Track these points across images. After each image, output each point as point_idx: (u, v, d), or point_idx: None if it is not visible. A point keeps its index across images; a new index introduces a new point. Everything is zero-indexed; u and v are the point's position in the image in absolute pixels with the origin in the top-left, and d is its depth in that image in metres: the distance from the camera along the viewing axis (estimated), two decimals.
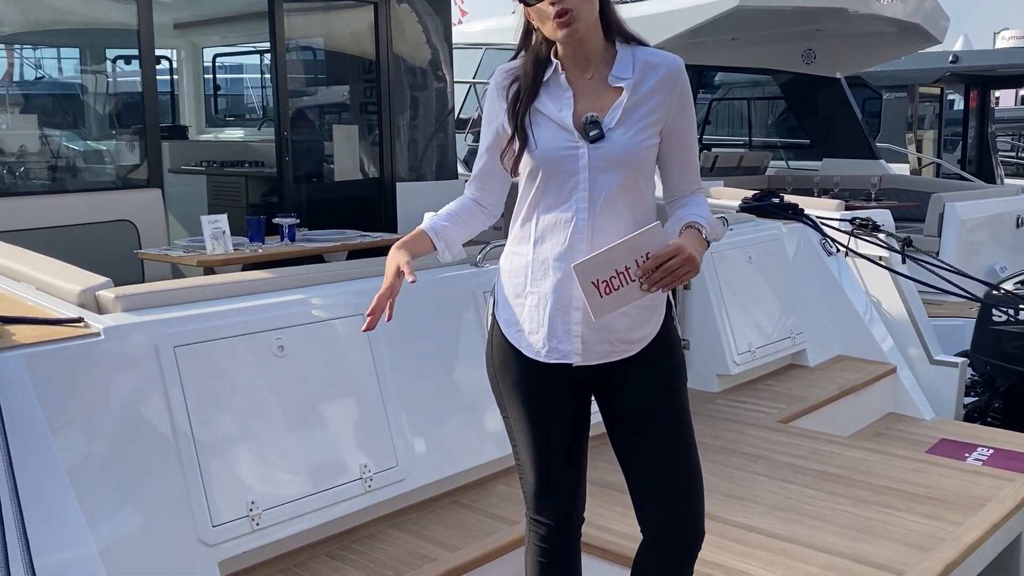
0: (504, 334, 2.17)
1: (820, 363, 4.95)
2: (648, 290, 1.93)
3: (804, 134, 10.65)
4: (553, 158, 2.05)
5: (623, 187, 2.05)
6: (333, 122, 6.79)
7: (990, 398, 5.32)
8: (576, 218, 2.05)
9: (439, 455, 3.18)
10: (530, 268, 2.11)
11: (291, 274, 3.13)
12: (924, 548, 2.76)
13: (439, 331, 3.33)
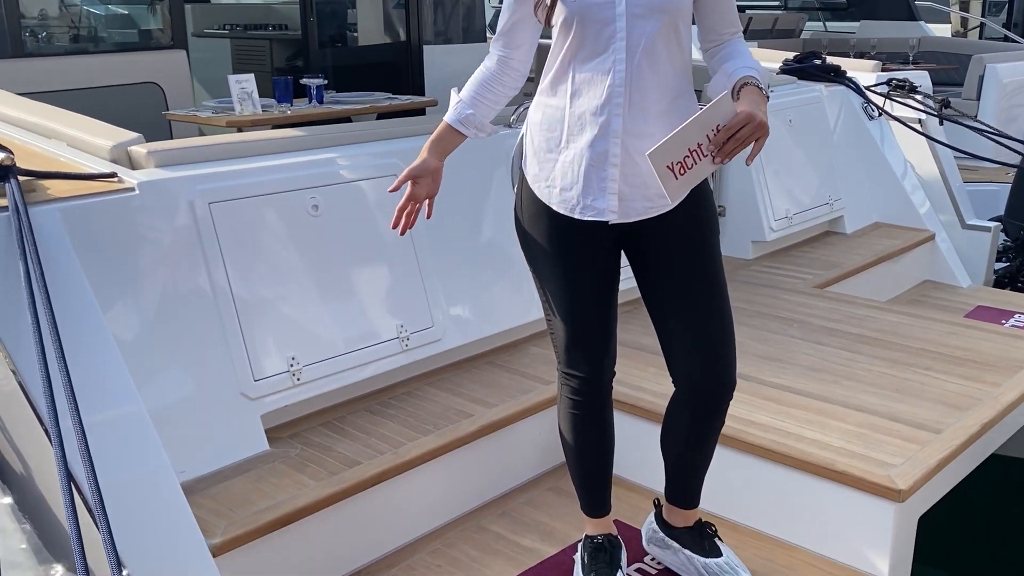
0: (533, 190, 2.13)
1: (857, 230, 4.88)
2: (721, 162, 1.90)
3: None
4: (588, 5, 1.96)
5: (662, 35, 1.98)
6: None
7: (1022, 263, 5.25)
8: (614, 70, 1.98)
9: (473, 317, 3.19)
10: (566, 122, 2.05)
11: (325, 132, 3.07)
12: (961, 408, 2.75)
13: (473, 192, 3.28)
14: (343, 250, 2.86)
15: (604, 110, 2.00)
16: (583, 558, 2.33)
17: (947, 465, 2.50)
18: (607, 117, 2.01)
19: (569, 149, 2.05)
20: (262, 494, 2.35)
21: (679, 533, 2.36)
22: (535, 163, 2.13)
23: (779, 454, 2.51)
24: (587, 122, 2.03)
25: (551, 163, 2.09)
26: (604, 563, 2.28)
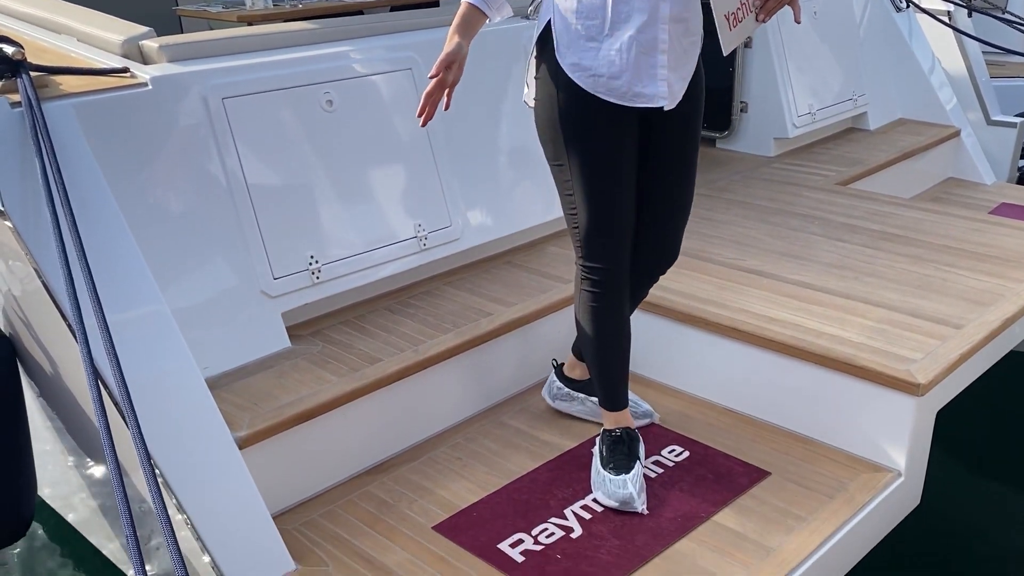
0: (573, 79, 2.07)
1: (881, 126, 4.78)
2: (764, 20, 2.03)
3: None
4: None
5: None
6: None
7: None
8: None
9: (491, 217, 3.16)
10: (610, 8, 2.00)
11: (338, 25, 2.99)
12: (983, 303, 2.74)
13: (490, 89, 3.21)
14: (359, 147, 2.82)
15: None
16: (601, 451, 2.36)
17: (967, 361, 2.50)
18: (656, 2, 1.99)
19: (614, 37, 2.02)
20: (285, 389, 2.38)
21: (582, 384, 2.62)
22: (572, 52, 2.07)
23: (799, 349, 2.51)
24: (635, 8, 1.99)
25: (592, 51, 2.04)
26: (623, 455, 2.32)
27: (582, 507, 2.29)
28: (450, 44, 2.05)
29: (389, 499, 2.35)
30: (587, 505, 2.30)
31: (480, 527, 2.23)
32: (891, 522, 2.40)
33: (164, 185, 2.44)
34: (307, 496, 2.37)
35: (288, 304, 2.63)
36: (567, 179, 2.17)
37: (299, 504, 2.35)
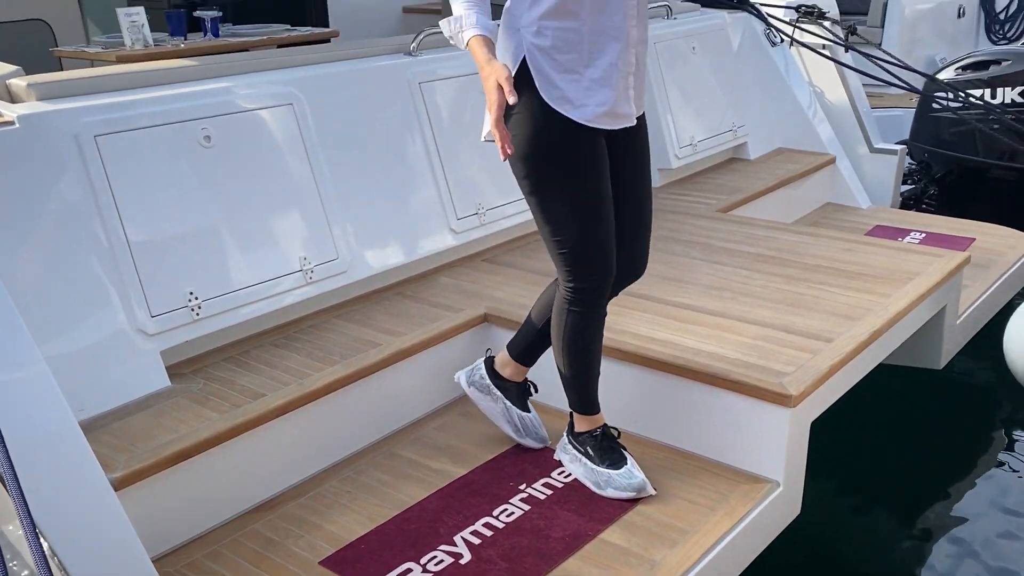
0: (558, 111, 2.12)
1: (761, 155, 4.97)
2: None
3: None
4: None
5: None
6: None
7: (926, 185, 5.44)
8: None
9: (380, 248, 3.18)
10: (586, 41, 2.10)
11: (216, 62, 2.98)
12: (853, 318, 2.86)
13: (375, 122, 3.24)
14: (240, 182, 2.81)
15: (623, 24, 2.13)
16: (588, 452, 2.46)
17: (837, 373, 2.61)
18: (627, 29, 2.14)
19: (594, 66, 2.12)
20: (164, 428, 2.33)
21: (508, 386, 2.61)
22: (553, 86, 2.12)
23: (678, 367, 2.58)
24: (610, 37, 2.12)
25: (575, 82, 2.12)
26: (614, 449, 2.45)
27: (472, 532, 2.30)
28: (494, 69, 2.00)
29: (275, 536, 2.31)
30: (477, 530, 2.31)
31: (368, 559, 2.22)
32: (772, 532, 2.47)
33: (34, 227, 2.38)
34: (190, 537, 2.32)
35: (167, 342, 2.58)
36: (557, 207, 2.19)
37: (182, 546, 2.29)
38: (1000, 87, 5.25)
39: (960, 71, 5.45)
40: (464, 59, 3.57)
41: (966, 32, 8.20)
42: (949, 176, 5.44)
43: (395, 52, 3.49)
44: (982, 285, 3.73)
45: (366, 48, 3.44)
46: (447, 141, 3.43)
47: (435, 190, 3.37)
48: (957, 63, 5.55)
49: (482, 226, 3.51)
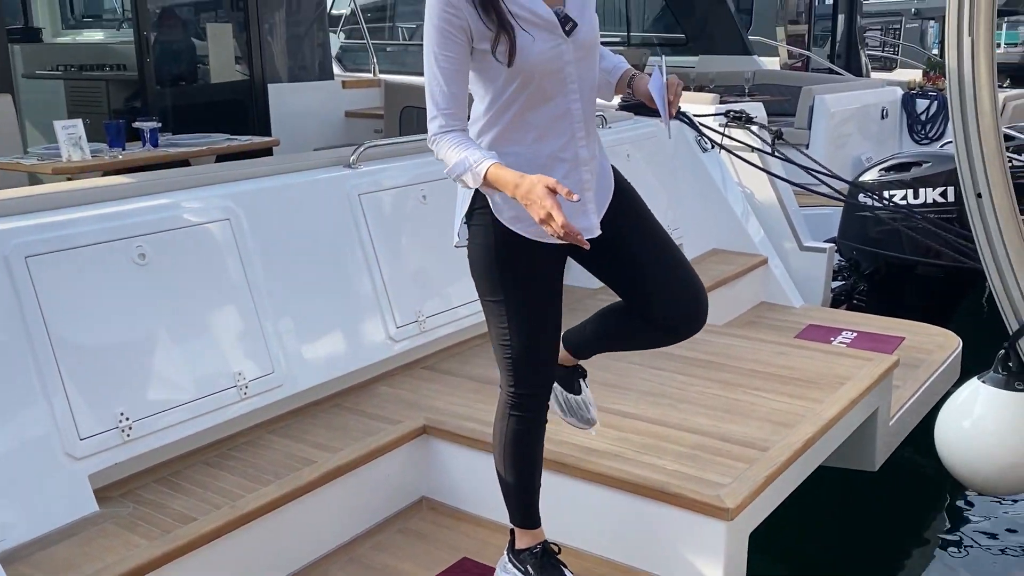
0: (512, 229, 2.19)
1: (696, 257, 5.08)
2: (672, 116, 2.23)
3: (681, 30, 10.71)
4: (544, 59, 2.09)
5: (593, 67, 2.23)
6: (199, 20, 6.45)
7: (855, 281, 5.58)
8: (571, 109, 2.17)
9: (318, 359, 3.15)
10: (535, 164, 2.16)
11: (152, 178, 2.99)
12: (787, 425, 2.90)
13: (314, 234, 3.26)
14: (174, 299, 2.78)
15: (570, 145, 2.20)
16: (528, 570, 2.42)
17: (774, 481, 2.63)
18: (575, 150, 2.21)
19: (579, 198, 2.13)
20: (89, 557, 2.25)
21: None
22: (508, 207, 2.18)
23: (617, 480, 2.58)
24: (557, 159, 2.19)
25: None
26: (555, 566, 2.41)
27: None
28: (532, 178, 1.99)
29: None
30: None
31: None
32: None
33: None
34: None
35: (96, 465, 2.52)
36: (502, 314, 2.26)
37: None
38: (922, 188, 5.47)
39: (883, 172, 5.68)
40: (403, 170, 3.63)
41: (890, 132, 8.57)
42: (877, 273, 5.61)
43: (335, 164, 3.53)
44: (913, 385, 3.82)
45: (305, 161, 3.48)
46: (386, 250, 3.45)
47: (374, 299, 3.38)
48: (880, 165, 5.78)
49: (421, 334, 3.51)
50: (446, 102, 2.10)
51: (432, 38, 2.08)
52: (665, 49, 11.01)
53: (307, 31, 6.52)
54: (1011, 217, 3.19)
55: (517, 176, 2.02)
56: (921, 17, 18.08)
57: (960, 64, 3.12)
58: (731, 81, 9.23)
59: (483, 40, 2.07)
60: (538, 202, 1.96)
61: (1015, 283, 3.20)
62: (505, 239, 2.21)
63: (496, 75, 2.11)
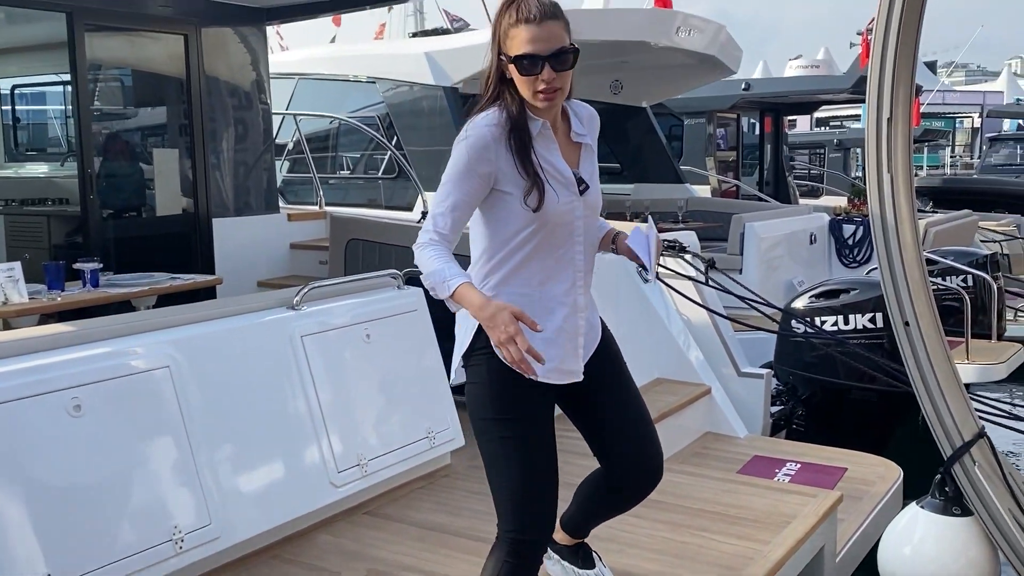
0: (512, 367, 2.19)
1: (641, 387, 5.07)
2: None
3: (616, 160, 11.08)
4: (561, 211, 2.31)
5: (595, 226, 2.47)
6: (144, 156, 6.50)
7: (793, 406, 5.64)
8: (575, 259, 2.38)
9: (257, 509, 3.07)
10: (536, 306, 2.32)
11: (90, 327, 2.95)
12: (735, 568, 2.88)
13: (255, 379, 3.21)
14: (108, 451, 2.70)
15: (571, 292, 2.38)
16: None
17: None
18: (575, 297, 2.39)
19: (546, 328, 2.30)
20: None
21: (560, 548, 2.75)
22: None
23: None
24: (558, 303, 2.37)
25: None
26: None
27: None
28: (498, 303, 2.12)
29: None
30: None
31: None
32: None
33: None
34: None
35: None
36: (503, 455, 2.31)
37: None
38: (851, 314, 5.63)
39: (813, 299, 5.84)
40: (347, 309, 3.63)
41: (819, 256, 8.85)
42: (814, 398, 5.68)
43: (278, 306, 3.52)
44: (857, 518, 3.83)
45: (248, 304, 3.47)
46: (329, 393, 3.41)
47: (315, 444, 3.32)
48: (810, 291, 5.95)
49: (364, 477, 3.44)
50: (445, 225, 2.25)
51: (457, 169, 2.25)
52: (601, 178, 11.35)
53: (254, 163, 6.60)
54: (939, 345, 3.29)
55: (484, 299, 2.13)
56: (843, 148, 19.01)
57: (881, 199, 3.27)
58: (665, 208, 9.54)
59: (510, 185, 2.27)
60: (501, 326, 2.07)
61: (947, 410, 3.28)
62: (504, 379, 2.29)
63: (515, 218, 2.29)
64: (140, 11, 5.93)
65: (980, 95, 38.09)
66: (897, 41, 3.20)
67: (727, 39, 9.11)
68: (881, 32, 3.21)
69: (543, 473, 2.32)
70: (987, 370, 6.13)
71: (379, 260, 5.73)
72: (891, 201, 3.27)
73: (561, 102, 2.34)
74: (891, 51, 3.21)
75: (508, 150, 2.26)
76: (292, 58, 10.15)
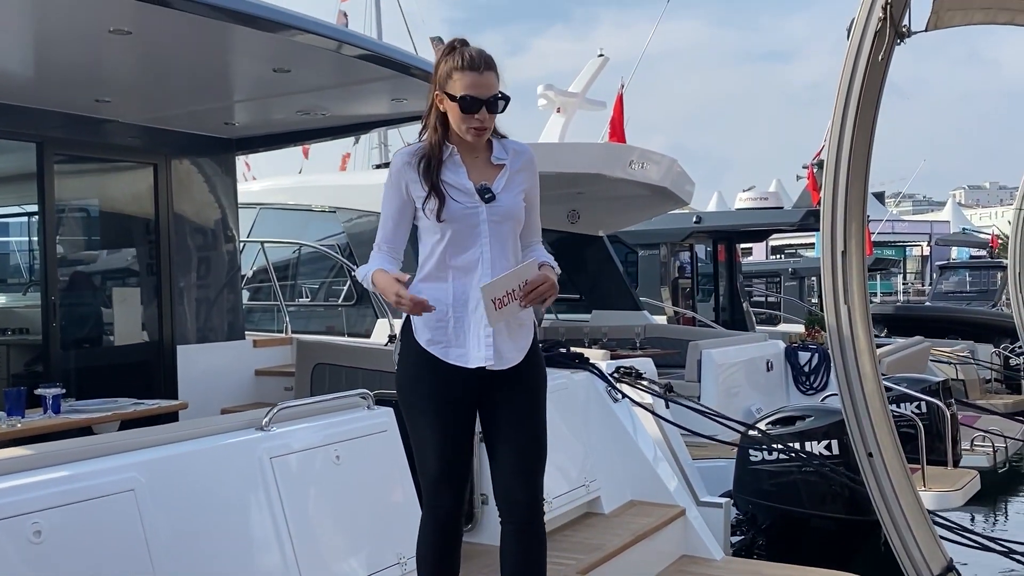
0: (427, 350, 2.86)
1: (614, 509, 5.02)
2: (524, 306, 2.76)
3: (574, 288, 11.21)
4: (462, 215, 2.84)
5: (511, 233, 2.91)
6: (110, 284, 6.46)
7: (755, 536, 5.54)
8: (482, 257, 2.84)
9: None
10: (451, 297, 2.85)
11: (51, 450, 2.85)
12: None
13: (223, 503, 3.11)
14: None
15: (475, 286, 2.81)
16: None
17: None
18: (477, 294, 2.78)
19: (454, 318, 2.85)
20: None
21: None
22: (427, 330, 2.87)
23: None
24: (469, 296, 2.84)
25: (443, 328, 2.86)
26: None
27: None
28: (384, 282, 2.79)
29: None
30: None
31: None
32: None
33: None
34: None
35: None
36: (415, 427, 2.90)
37: None
38: (808, 440, 5.62)
39: (771, 425, 5.84)
40: (316, 430, 3.55)
41: (776, 384, 8.89)
42: (775, 527, 5.59)
43: (247, 427, 3.44)
44: None
45: (215, 425, 3.39)
46: (298, 518, 3.30)
47: (284, 571, 3.19)
48: (767, 418, 5.96)
49: None
50: (382, 236, 2.95)
51: (385, 187, 2.92)
52: (560, 306, 11.46)
53: (219, 293, 6.59)
54: (903, 477, 3.28)
55: (384, 280, 2.78)
56: (798, 276, 19.48)
57: (840, 331, 3.32)
58: (623, 335, 9.61)
59: (420, 199, 2.85)
60: (390, 293, 2.75)
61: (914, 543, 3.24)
62: (420, 359, 2.87)
63: (429, 226, 2.86)
64: (110, 142, 6.01)
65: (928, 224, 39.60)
66: (848, 178, 3.32)
67: (679, 172, 9.42)
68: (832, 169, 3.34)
69: (454, 449, 2.84)
70: (945, 497, 6.10)
71: (346, 384, 5.66)
72: (849, 332, 3.33)
73: (486, 137, 2.88)
74: (842, 187, 3.33)
75: (416, 171, 2.86)
76: (254, 188, 10.29)
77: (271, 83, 5.20)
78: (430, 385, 2.85)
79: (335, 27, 5.04)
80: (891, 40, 3.14)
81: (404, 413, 2.88)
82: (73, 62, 4.76)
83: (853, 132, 3.30)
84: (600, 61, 10.52)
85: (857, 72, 3.21)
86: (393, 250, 2.93)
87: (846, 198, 3.32)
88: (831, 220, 3.34)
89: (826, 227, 3.35)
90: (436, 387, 2.84)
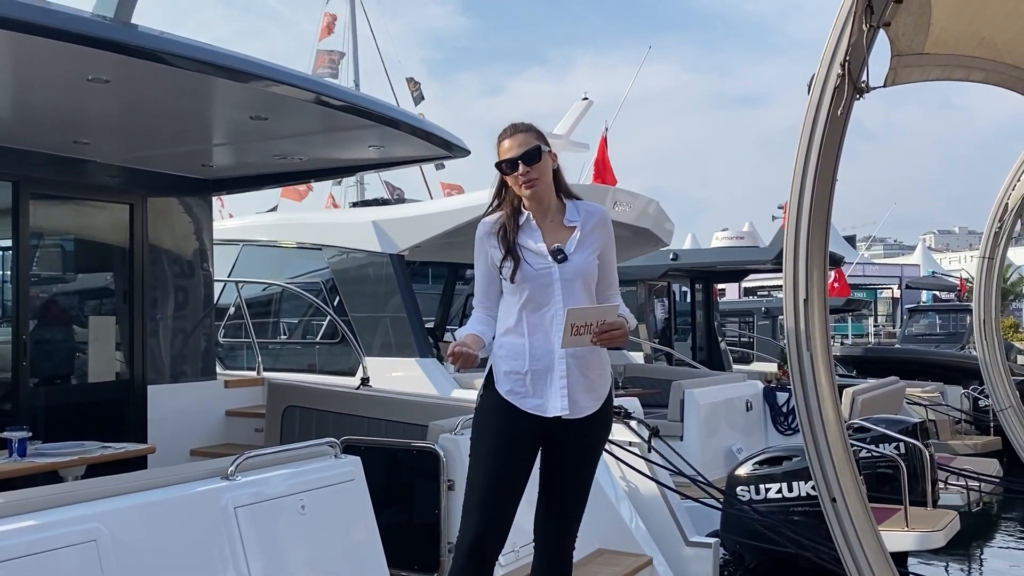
0: (506, 399, 3.16)
1: (580, 559, 5.00)
2: (594, 342, 2.98)
3: None
4: (535, 275, 3.13)
5: (582, 289, 3.16)
6: (81, 323, 6.43)
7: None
8: (555, 315, 3.11)
9: None
10: (527, 352, 3.15)
11: (9, 499, 2.84)
12: None
13: (186, 553, 3.10)
14: None
15: (554, 343, 3.08)
16: None
17: None
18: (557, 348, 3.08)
19: (532, 372, 3.12)
20: None
21: None
22: (506, 381, 3.17)
23: None
24: (543, 351, 3.12)
25: (521, 380, 3.14)
26: None
27: None
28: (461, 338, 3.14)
29: None
30: None
31: None
32: None
33: None
34: None
35: None
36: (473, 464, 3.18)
37: None
38: (794, 481, 5.68)
39: (756, 466, 5.89)
40: (282, 479, 3.55)
41: (755, 423, 8.96)
42: (762, 567, 5.64)
43: (211, 476, 3.44)
44: None
45: (180, 473, 3.39)
46: (262, 567, 3.29)
47: None
48: (753, 458, 6.01)
49: None
50: (477, 297, 3.30)
51: (475, 255, 3.26)
52: None
53: (192, 333, 6.58)
54: (866, 522, 3.31)
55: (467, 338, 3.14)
56: (771, 315, 19.64)
57: (803, 378, 3.37)
58: None
59: (498, 263, 3.18)
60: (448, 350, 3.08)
61: None
62: (498, 406, 3.16)
63: (509, 288, 3.18)
64: (87, 181, 6.04)
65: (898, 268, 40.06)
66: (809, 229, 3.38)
67: (659, 212, 9.53)
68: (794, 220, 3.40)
69: (504, 488, 3.11)
70: (927, 538, 6.15)
71: (316, 427, 5.67)
72: (812, 379, 3.37)
73: (542, 189, 3.18)
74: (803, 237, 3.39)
75: (496, 238, 3.20)
76: (237, 224, 10.29)
77: (248, 129, 5.25)
78: (501, 425, 3.14)
79: (310, 78, 5.12)
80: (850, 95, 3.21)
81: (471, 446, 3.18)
82: (52, 107, 4.80)
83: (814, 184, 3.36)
84: (584, 104, 10.65)
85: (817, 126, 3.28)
86: (487, 308, 3.28)
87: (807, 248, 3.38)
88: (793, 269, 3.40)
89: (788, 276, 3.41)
90: (507, 428, 3.13)
